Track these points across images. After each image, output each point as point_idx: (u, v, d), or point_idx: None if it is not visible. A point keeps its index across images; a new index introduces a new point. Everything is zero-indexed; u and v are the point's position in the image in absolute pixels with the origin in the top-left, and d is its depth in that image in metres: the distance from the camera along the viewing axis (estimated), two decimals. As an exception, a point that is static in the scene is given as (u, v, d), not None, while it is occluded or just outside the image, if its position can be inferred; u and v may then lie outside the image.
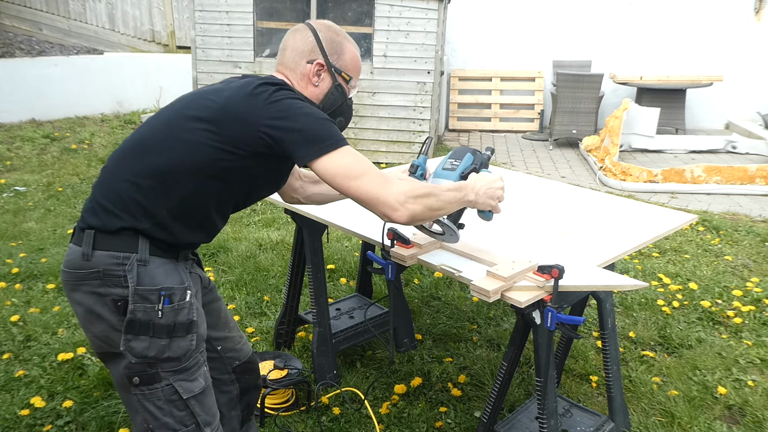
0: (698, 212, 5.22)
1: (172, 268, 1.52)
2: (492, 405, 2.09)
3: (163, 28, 9.42)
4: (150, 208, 1.47)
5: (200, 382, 1.55)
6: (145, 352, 1.46)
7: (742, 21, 8.63)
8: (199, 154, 1.47)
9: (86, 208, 1.51)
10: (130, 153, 1.53)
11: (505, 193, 1.74)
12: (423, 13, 6.36)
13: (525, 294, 1.68)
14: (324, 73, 1.67)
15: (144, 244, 1.47)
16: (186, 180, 1.48)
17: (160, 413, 1.50)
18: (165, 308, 1.46)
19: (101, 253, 1.45)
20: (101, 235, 1.46)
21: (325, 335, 2.66)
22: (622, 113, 6.75)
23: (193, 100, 1.55)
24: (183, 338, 1.50)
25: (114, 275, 1.45)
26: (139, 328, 1.45)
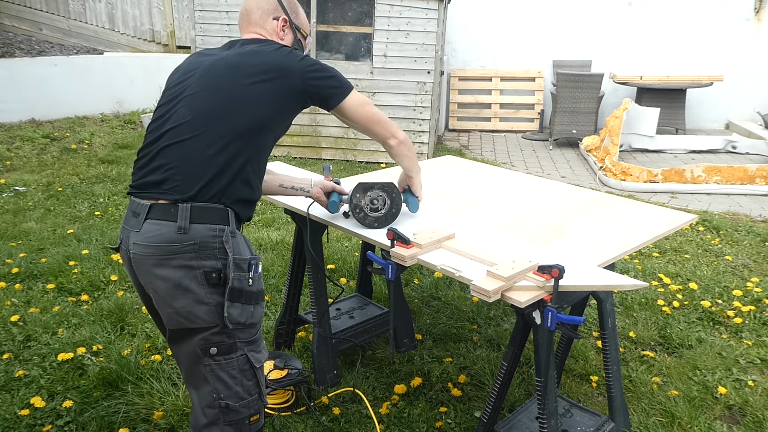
0: (698, 212, 5.22)
1: (245, 241, 1.64)
2: (492, 405, 2.09)
3: (163, 27, 9.41)
4: (238, 169, 1.58)
5: (264, 354, 1.67)
6: (238, 318, 1.55)
7: (742, 21, 8.63)
8: (270, 108, 1.64)
9: (162, 181, 1.54)
10: (203, 123, 1.58)
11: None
12: (423, 13, 6.36)
13: (525, 294, 1.68)
14: (287, 28, 1.89)
15: (233, 216, 1.57)
16: (262, 135, 1.64)
17: (232, 382, 1.58)
18: (254, 276, 1.58)
19: (198, 226, 1.50)
20: (197, 209, 1.50)
21: (326, 335, 2.66)
22: (622, 113, 6.75)
23: (238, 66, 1.67)
24: (261, 305, 1.64)
25: (210, 247, 1.51)
26: (236, 296, 1.53)
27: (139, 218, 1.53)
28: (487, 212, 2.39)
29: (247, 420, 1.62)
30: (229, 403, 1.58)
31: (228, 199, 1.56)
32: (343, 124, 7.44)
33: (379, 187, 2.13)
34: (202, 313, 1.52)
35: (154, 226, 1.51)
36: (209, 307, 1.52)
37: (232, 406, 1.58)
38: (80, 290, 3.50)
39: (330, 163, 2.40)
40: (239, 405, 1.59)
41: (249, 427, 1.63)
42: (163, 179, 1.54)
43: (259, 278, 1.61)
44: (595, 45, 8.91)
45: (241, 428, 1.62)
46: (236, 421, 1.60)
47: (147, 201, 1.54)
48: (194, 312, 1.52)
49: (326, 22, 6.53)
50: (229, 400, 1.58)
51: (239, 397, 1.59)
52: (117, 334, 3.07)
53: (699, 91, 8.61)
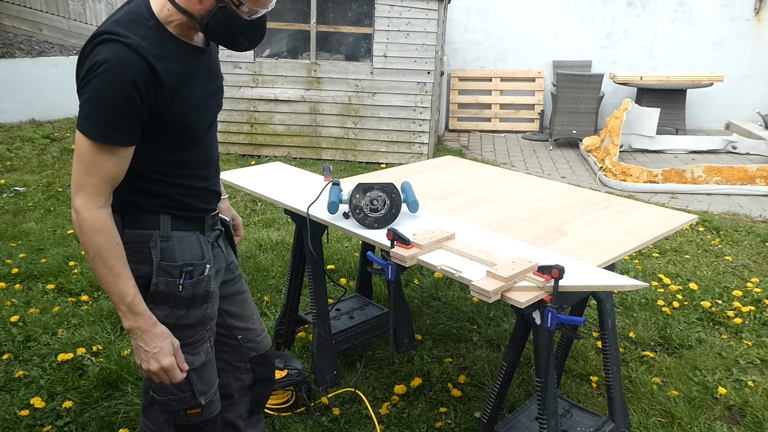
0: (698, 212, 5.22)
1: (194, 241, 1.60)
2: (492, 405, 2.09)
3: (163, 28, 9.41)
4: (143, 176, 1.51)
5: (201, 357, 1.65)
6: (165, 320, 1.54)
7: (742, 21, 8.63)
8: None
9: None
10: None
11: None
12: (423, 14, 6.36)
13: (525, 294, 1.68)
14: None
15: (165, 220, 1.55)
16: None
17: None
18: (186, 283, 1.56)
19: (129, 232, 1.53)
20: (128, 215, 1.54)
21: (326, 335, 2.66)
22: (623, 113, 6.75)
23: None
24: (199, 308, 1.61)
25: (140, 251, 1.53)
26: (160, 299, 1.54)
27: None
28: (487, 212, 2.39)
29: (182, 412, 1.66)
30: (156, 395, 1.64)
31: (153, 205, 1.55)
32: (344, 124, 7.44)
33: (379, 188, 2.13)
34: None
35: None
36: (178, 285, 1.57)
37: (158, 399, 1.64)
38: (80, 290, 3.50)
39: (330, 164, 2.39)
40: (167, 399, 1.64)
41: (186, 417, 1.66)
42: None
43: (197, 283, 1.58)
44: (595, 45, 8.91)
45: (176, 417, 1.66)
46: (168, 411, 1.65)
47: None
48: None
49: (326, 22, 6.53)
50: (156, 393, 1.64)
51: (167, 391, 1.63)
52: (117, 335, 3.07)
53: (699, 92, 8.60)
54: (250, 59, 6.61)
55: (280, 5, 6.68)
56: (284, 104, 6.71)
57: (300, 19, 6.56)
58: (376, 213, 2.13)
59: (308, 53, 6.61)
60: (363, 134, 6.75)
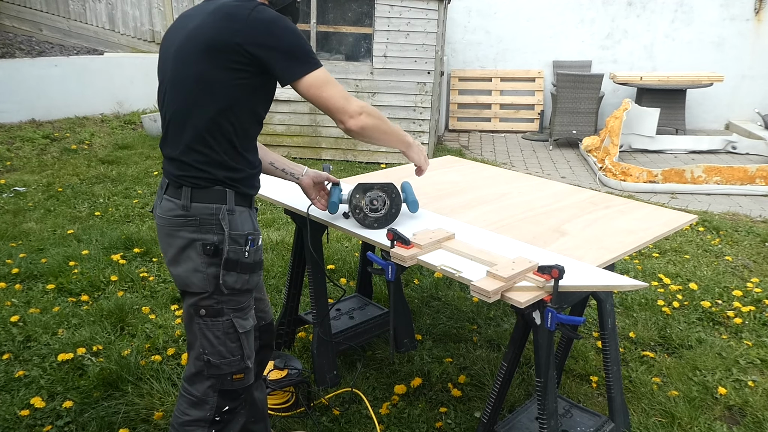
0: (698, 212, 5.23)
1: (248, 216, 1.79)
2: (492, 405, 2.09)
3: (163, 28, 9.41)
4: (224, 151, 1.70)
5: (250, 322, 1.83)
6: (233, 284, 1.74)
7: (742, 21, 8.63)
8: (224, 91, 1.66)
9: (170, 170, 1.74)
10: (175, 122, 1.71)
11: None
12: (423, 14, 6.36)
13: (525, 294, 1.68)
14: None
15: (231, 196, 1.73)
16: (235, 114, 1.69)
17: (216, 342, 1.77)
18: (250, 250, 1.75)
19: (198, 205, 1.71)
20: (196, 190, 1.71)
21: (326, 335, 2.66)
22: (622, 113, 6.75)
23: (183, 45, 1.69)
24: (256, 274, 1.81)
25: (208, 223, 1.71)
26: (231, 266, 1.72)
27: (162, 191, 1.79)
28: (486, 212, 2.39)
29: (229, 376, 1.81)
30: (211, 359, 1.78)
31: (222, 182, 1.72)
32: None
33: (379, 188, 2.13)
34: (197, 280, 1.73)
35: (167, 202, 1.75)
36: (203, 275, 1.72)
37: (213, 362, 1.78)
38: (80, 290, 3.50)
39: (330, 164, 2.39)
40: (220, 362, 1.78)
41: (231, 382, 1.82)
42: (168, 166, 1.77)
43: (256, 251, 1.78)
44: (595, 45, 8.91)
45: (222, 381, 1.81)
46: (218, 375, 1.80)
47: (166, 179, 1.78)
48: (191, 278, 1.73)
49: (326, 22, 6.53)
50: (211, 357, 1.78)
51: (221, 355, 1.78)
52: (117, 335, 3.07)
53: (699, 92, 8.61)
54: (250, 59, 6.61)
55: (280, 5, 6.67)
56: (284, 104, 6.71)
57: (300, 19, 6.55)
58: (376, 213, 2.13)
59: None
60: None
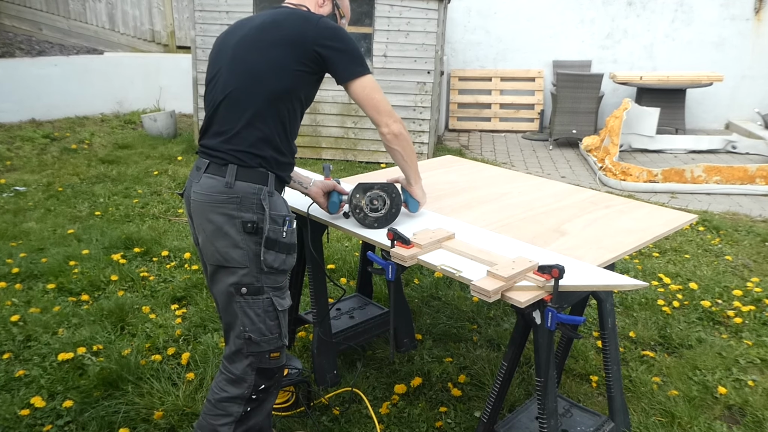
0: (698, 212, 5.23)
1: (284, 200, 1.91)
2: (492, 405, 2.09)
3: (163, 28, 9.41)
4: (271, 138, 1.84)
5: (288, 301, 1.93)
6: (272, 263, 1.83)
7: (742, 21, 8.63)
8: (288, 76, 1.83)
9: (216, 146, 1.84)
10: (237, 98, 1.83)
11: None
12: (423, 13, 6.36)
13: (525, 294, 1.68)
14: (328, 1, 2.03)
15: (272, 178, 1.84)
16: (285, 103, 1.85)
17: (257, 319, 1.86)
18: (288, 230, 1.85)
19: (242, 184, 1.80)
20: (242, 170, 1.81)
21: (326, 335, 2.66)
22: (622, 113, 6.75)
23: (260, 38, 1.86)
24: (292, 255, 1.89)
25: (249, 202, 1.80)
26: (271, 244, 1.82)
27: (200, 172, 1.86)
28: (487, 212, 2.40)
29: (267, 354, 1.91)
30: (252, 336, 1.86)
31: (266, 164, 1.84)
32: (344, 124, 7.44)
33: (379, 188, 2.13)
34: (237, 255, 1.81)
35: (209, 180, 1.83)
36: (243, 251, 1.80)
37: (254, 339, 1.87)
38: (80, 290, 3.50)
39: (330, 164, 2.40)
40: (261, 340, 1.87)
41: (269, 360, 1.92)
42: (217, 144, 1.85)
43: (293, 233, 1.87)
44: (595, 45, 8.91)
45: (261, 359, 1.91)
46: (257, 352, 1.89)
47: (206, 159, 1.86)
48: (230, 253, 1.81)
49: (326, 22, 6.52)
50: (252, 334, 1.86)
51: (261, 333, 1.87)
52: (117, 334, 3.07)
53: (699, 91, 8.61)
54: (250, 59, 6.61)
55: (280, 5, 6.67)
56: (284, 104, 6.71)
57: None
58: (376, 213, 2.13)
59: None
60: (363, 134, 6.76)
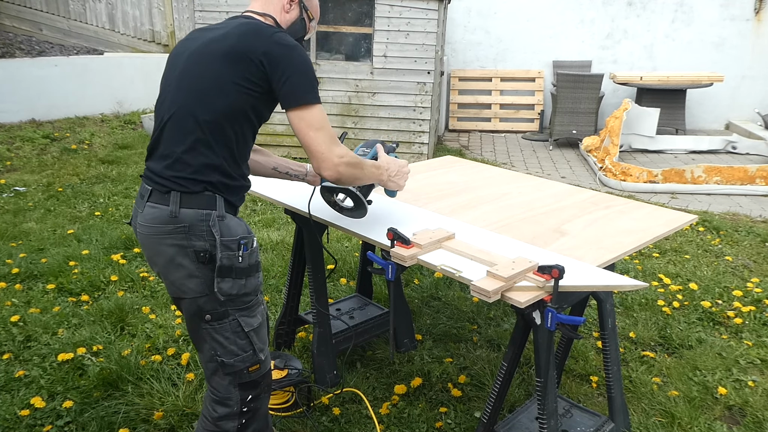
0: (698, 212, 5.22)
1: (239, 221, 1.79)
2: (492, 405, 2.09)
3: (163, 28, 9.41)
4: (220, 160, 1.71)
5: (258, 318, 1.84)
6: (230, 291, 1.73)
7: (742, 21, 8.63)
8: (234, 94, 1.69)
9: (159, 171, 1.71)
10: (178, 118, 1.71)
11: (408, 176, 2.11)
12: (423, 14, 6.36)
13: (525, 294, 1.68)
14: (294, 4, 1.89)
15: (221, 202, 1.72)
16: (234, 124, 1.72)
17: (226, 342, 1.78)
18: (243, 254, 1.74)
19: (187, 211, 1.69)
20: (186, 196, 1.69)
21: (326, 335, 2.66)
22: (622, 113, 6.75)
23: (209, 53, 1.72)
24: (254, 277, 1.80)
25: (198, 229, 1.69)
26: (225, 272, 1.71)
27: (143, 201, 1.75)
28: (487, 212, 2.39)
29: (245, 370, 1.83)
30: (224, 359, 1.80)
31: (213, 188, 1.71)
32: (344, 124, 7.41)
33: (341, 191, 2.13)
34: (194, 285, 1.72)
35: (152, 210, 1.72)
36: (200, 280, 1.71)
37: (227, 362, 1.80)
38: (80, 290, 3.50)
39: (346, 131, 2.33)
40: (234, 360, 1.80)
41: (248, 374, 1.84)
42: (160, 169, 1.72)
43: (251, 254, 1.77)
44: (595, 45, 8.91)
45: (240, 377, 1.83)
46: (233, 372, 1.82)
47: (149, 186, 1.74)
48: (187, 284, 1.73)
49: (326, 22, 6.53)
50: (224, 357, 1.79)
51: (233, 354, 1.80)
52: (117, 335, 3.07)
53: (699, 92, 8.61)
54: (250, 59, 6.61)
55: (280, 5, 6.68)
56: (284, 104, 6.71)
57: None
58: (349, 205, 2.14)
59: (308, 53, 6.60)
60: (363, 134, 6.75)
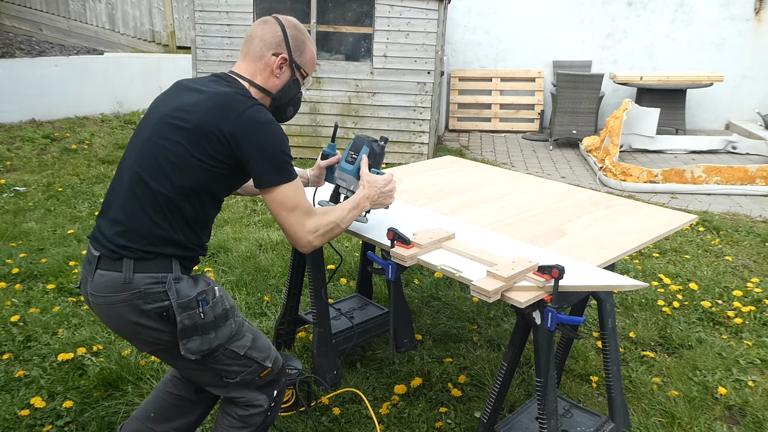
0: (698, 212, 5.22)
1: (194, 279, 1.73)
2: (492, 405, 2.09)
3: (163, 28, 9.41)
4: (177, 228, 1.66)
5: (248, 336, 1.80)
6: (199, 348, 1.67)
7: (742, 21, 8.63)
8: (199, 173, 1.65)
9: (111, 237, 1.64)
10: (136, 183, 1.65)
11: (395, 191, 2.08)
12: (423, 14, 6.36)
13: (525, 294, 1.68)
14: (285, 66, 1.81)
15: (176, 264, 1.67)
16: (195, 199, 1.67)
17: (226, 367, 1.77)
18: (205, 309, 1.67)
19: (141, 276, 1.62)
20: (139, 262, 1.62)
21: (326, 335, 2.66)
22: (622, 113, 6.75)
23: (170, 116, 1.67)
24: (224, 326, 1.73)
25: (154, 292, 1.63)
26: (190, 332, 1.65)
27: (92, 266, 1.67)
28: (487, 212, 2.40)
29: (257, 377, 1.82)
30: (230, 380, 1.79)
31: (171, 253, 1.66)
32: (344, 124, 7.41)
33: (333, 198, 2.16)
34: (169, 337, 1.68)
35: (103, 277, 1.64)
36: (170, 333, 1.67)
37: (235, 380, 1.80)
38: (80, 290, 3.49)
39: None
40: (240, 378, 1.80)
41: (262, 380, 1.84)
42: (112, 235, 1.65)
43: (215, 306, 1.69)
44: (595, 45, 8.91)
45: (255, 383, 1.83)
46: (247, 382, 1.82)
47: (96, 252, 1.67)
48: (161, 338, 1.68)
49: (326, 22, 6.53)
50: (230, 378, 1.79)
51: (239, 373, 1.79)
52: (117, 335, 3.07)
53: (699, 92, 8.61)
54: (250, 59, 6.60)
55: (280, 5, 6.68)
56: (284, 104, 6.71)
57: (300, 19, 6.48)
58: None
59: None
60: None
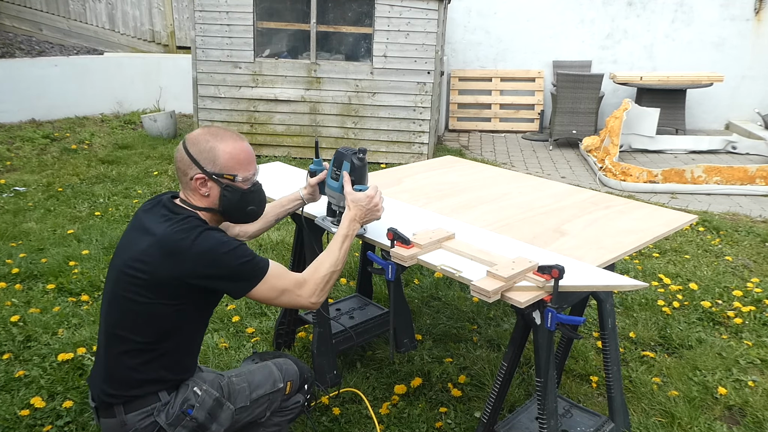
0: (698, 212, 5.22)
1: (178, 388, 1.77)
2: (492, 405, 2.09)
3: (163, 28, 9.41)
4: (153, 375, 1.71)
5: (244, 386, 1.84)
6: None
7: (742, 21, 8.63)
8: (169, 321, 1.68)
9: (101, 388, 1.72)
10: (111, 338, 1.71)
11: (383, 204, 2.00)
12: (423, 14, 6.36)
13: (525, 294, 1.68)
14: (209, 182, 1.73)
15: (163, 393, 1.73)
16: (170, 341, 1.71)
17: (251, 418, 1.85)
18: (194, 414, 1.72)
19: (132, 415, 1.70)
20: (128, 404, 1.70)
21: (326, 335, 2.66)
22: (622, 113, 6.75)
23: (126, 271, 1.67)
24: (222, 411, 1.77)
25: (147, 424, 1.71)
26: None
27: (96, 414, 1.78)
28: (487, 212, 2.40)
29: (282, 397, 1.92)
30: (259, 419, 1.90)
31: (156, 390, 1.72)
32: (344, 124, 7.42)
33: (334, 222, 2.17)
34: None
35: (105, 424, 1.74)
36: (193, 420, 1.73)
37: (267, 416, 1.91)
38: (80, 290, 3.50)
39: None
40: (270, 412, 1.91)
41: (289, 394, 1.94)
42: (100, 383, 1.73)
43: (202, 405, 1.74)
44: (595, 45, 8.91)
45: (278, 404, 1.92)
46: (278, 409, 1.94)
47: (93, 403, 1.76)
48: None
49: (326, 22, 6.53)
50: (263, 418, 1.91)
51: (264, 412, 1.90)
52: None
53: (699, 92, 8.60)
54: (250, 59, 6.61)
55: (280, 5, 6.68)
56: (284, 104, 6.71)
57: (300, 19, 6.56)
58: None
59: (308, 53, 6.61)
60: (363, 134, 6.75)
